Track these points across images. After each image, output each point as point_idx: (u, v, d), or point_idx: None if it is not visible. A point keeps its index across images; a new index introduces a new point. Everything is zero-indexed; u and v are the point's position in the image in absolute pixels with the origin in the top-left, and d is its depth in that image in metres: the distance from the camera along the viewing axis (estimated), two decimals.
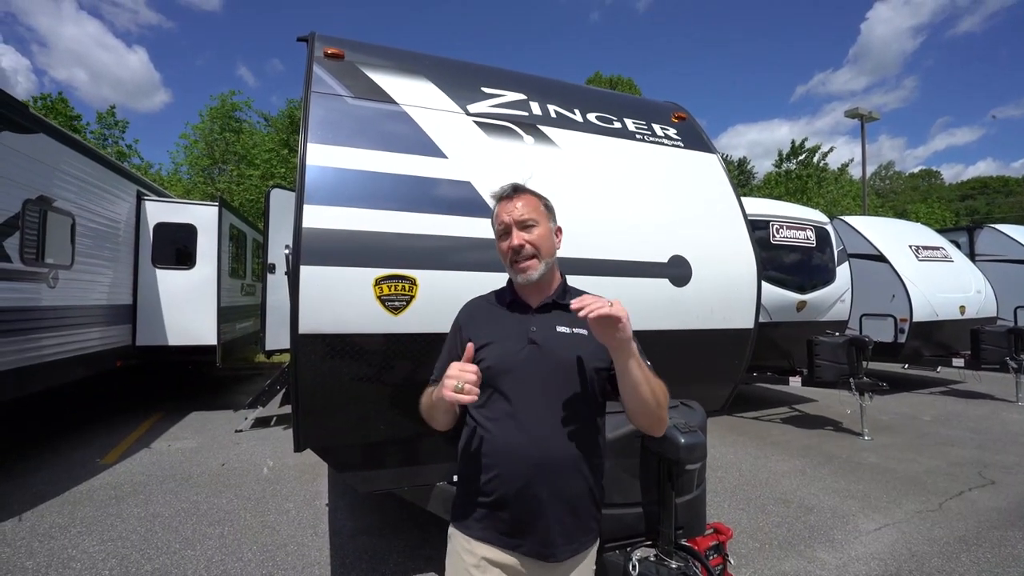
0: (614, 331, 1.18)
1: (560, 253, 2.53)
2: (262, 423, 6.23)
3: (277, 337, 5.76)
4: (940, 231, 11.01)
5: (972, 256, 10.46)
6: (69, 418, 6.37)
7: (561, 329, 1.38)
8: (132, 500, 3.97)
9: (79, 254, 5.30)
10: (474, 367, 1.22)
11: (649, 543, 1.99)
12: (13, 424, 5.82)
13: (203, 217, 7.17)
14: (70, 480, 4.37)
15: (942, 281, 8.12)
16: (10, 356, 4.21)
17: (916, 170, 57.59)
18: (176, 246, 7.09)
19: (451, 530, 1.40)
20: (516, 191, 1.46)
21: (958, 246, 9.80)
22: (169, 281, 6.85)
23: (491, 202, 1.50)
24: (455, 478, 1.49)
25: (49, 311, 4.80)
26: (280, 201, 5.88)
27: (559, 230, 1.50)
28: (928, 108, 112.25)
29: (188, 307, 6.86)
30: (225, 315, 6.98)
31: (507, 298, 1.49)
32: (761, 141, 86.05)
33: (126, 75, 60.28)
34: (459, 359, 1.34)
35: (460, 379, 1.18)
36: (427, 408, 1.42)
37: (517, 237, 1.38)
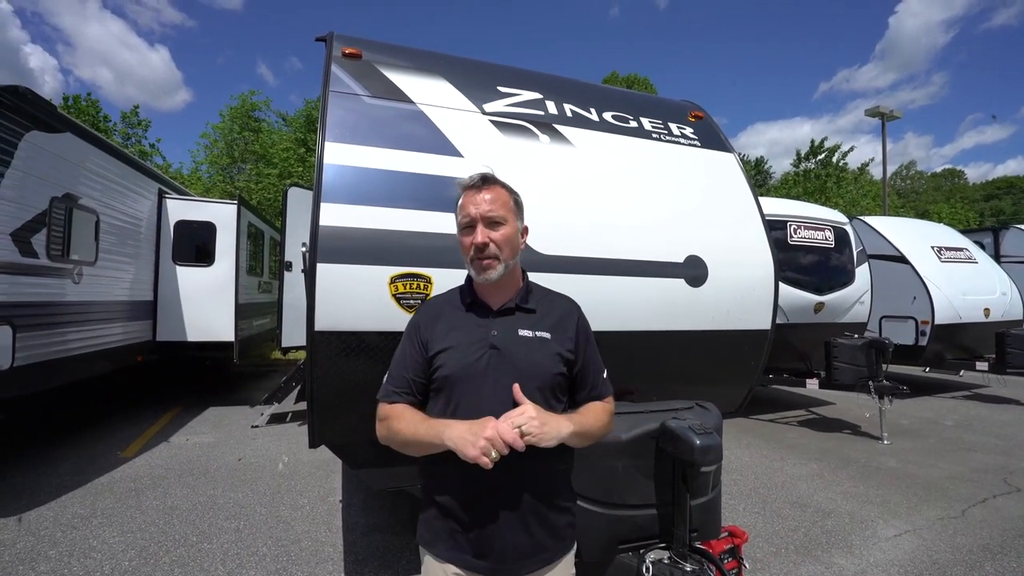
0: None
1: (574, 253, 2.53)
2: (278, 419, 6.32)
3: (293, 334, 5.83)
4: (964, 232, 10.76)
5: (997, 257, 10.20)
6: (91, 411, 6.52)
7: (523, 333, 1.31)
8: (151, 492, 4.06)
9: (103, 251, 5.41)
10: (514, 425, 1.12)
11: (663, 545, 1.98)
12: (39, 417, 5.98)
13: (222, 215, 7.29)
14: (92, 472, 4.48)
15: (966, 283, 7.93)
16: (37, 350, 4.32)
17: (939, 169, 56.28)
18: (196, 243, 7.22)
19: (421, 550, 1.35)
20: (486, 182, 1.35)
21: (983, 247, 9.55)
22: (189, 278, 6.97)
23: (457, 190, 1.40)
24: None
25: (73, 306, 4.91)
26: (297, 199, 5.95)
27: (526, 229, 1.42)
28: (958, 105, 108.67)
29: (207, 304, 6.98)
30: (243, 312, 7.10)
31: (467, 299, 1.39)
32: (781, 140, 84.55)
33: (148, 74, 61.50)
34: (419, 363, 1.32)
35: (502, 451, 1.08)
36: (407, 439, 1.24)
37: (481, 234, 1.28)
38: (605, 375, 1.43)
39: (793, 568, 3.03)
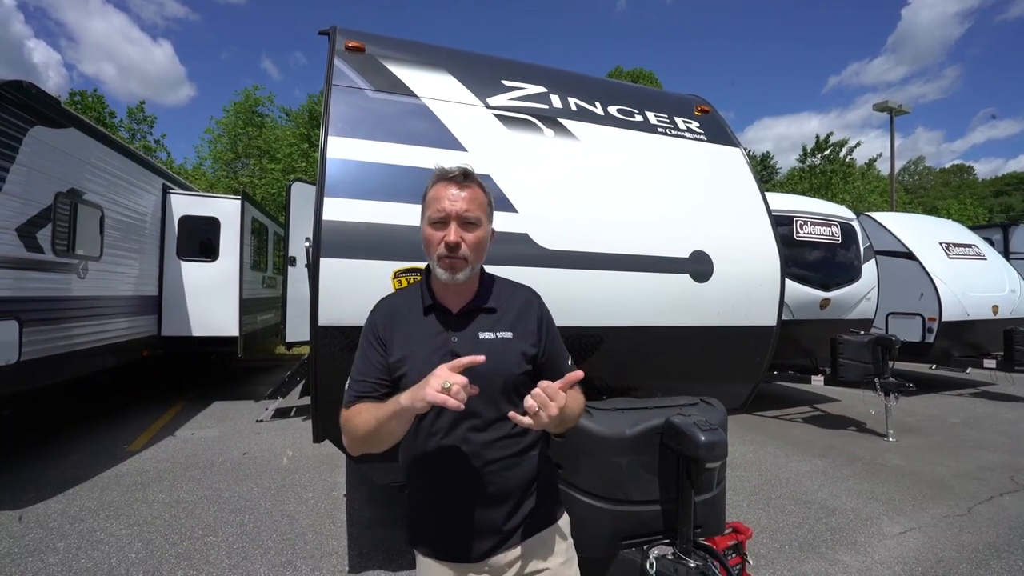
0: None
1: (579, 248, 2.52)
2: (282, 414, 6.34)
3: (297, 329, 5.84)
4: (973, 228, 10.66)
5: (1007, 254, 10.10)
6: (98, 406, 6.56)
7: (484, 336, 1.27)
8: (157, 486, 4.08)
9: (107, 246, 5.44)
10: (466, 364, 1.05)
11: (667, 541, 1.97)
12: (46, 411, 6.02)
13: (226, 210, 7.31)
14: (99, 465, 4.51)
15: (974, 279, 7.86)
16: (43, 344, 4.35)
17: (948, 165, 55.72)
18: (200, 239, 7.24)
19: (414, 550, 1.36)
20: (467, 178, 1.28)
21: (992, 244, 9.47)
22: (193, 273, 7.00)
23: (429, 180, 1.34)
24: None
25: (79, 301, 4.94)
26: (301, 195, 5.95)
27: (493, 232, 1.37)
28: (970, 99, 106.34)
29: (211, 299, 7.01)
30: (247, 307, 7.12)
31: (426, 301, 1.33)
32: (789, 135, 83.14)
33: (152, 69, 61.45)
34: (381, 364, 1.27)
35: (449, 379, 1.00)
36: (369, 428, 1.17)
37: (455, 233, 1.22)
38: (570, 361, 1.39)
39: (797, 565, 3.02)
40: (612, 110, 3.05)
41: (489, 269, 1.43)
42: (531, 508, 1.29)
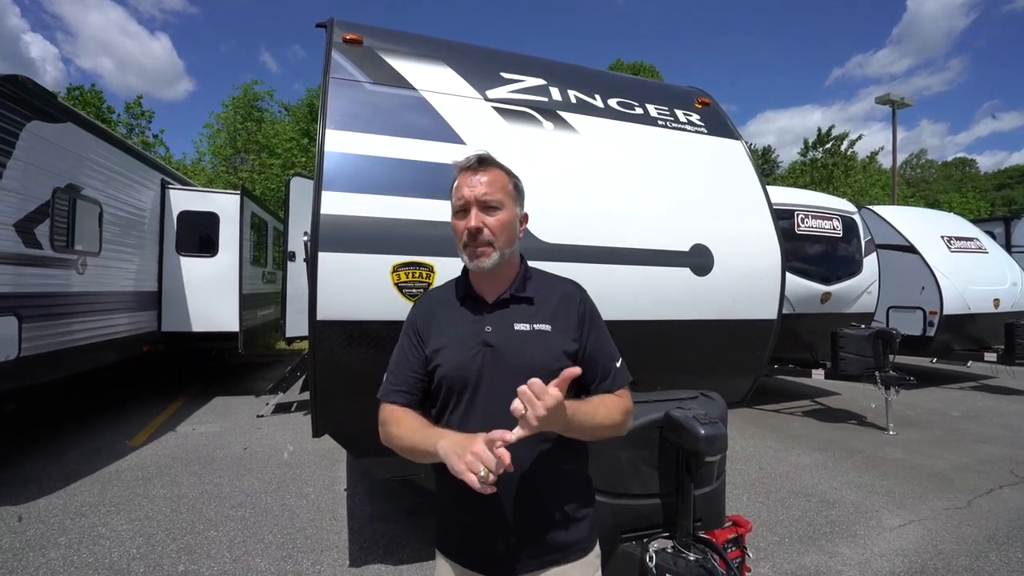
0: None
1: (580, 241, 2.50)
2: (283, 409, 6.35)
3: (297, 324, 5.85)
4: (975, 221, 10.62)
5: (1008, 247, 10.08)
6: (99, 401, 6.57)
7: (520, 327, 1.21)
8: (158, 481, 4.09)
9: (106, 241, 5.42)
10: (498, 439, 0.94)
11: (667, 535, 1.97)
12: (47, 406, 6.03)
13: (225, 206, 7.29)
14: (100, 460, 4.52)
15: (975, 273, 7.84)
16: (42, 340, 4.34)
17: (950, 158, 55.49)
18: (199, 234, 7.22)
19: (436, 551, 1.30)
20: (482, 163, 1.25)
21: (994, 237, 9.44)
22: (193, 268, 6.99)
23: (453, 171, 1.31)
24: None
25: (78, 297, 4.93)
26: (300, 189, 5.94)
27: (525, 216, 1.32)
28: (975, 91, 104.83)
29: (211, 294, 7.00)
30: (247, 302, 7.11)
31: (461, 292, 1.30)
32: (792, 128, 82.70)
33: (150, 63, 61.26)
34: (417, 359, 1.25)
35: (487, 464, 0.93)
36: (404, 446, 1.16)
37: (476, 218, 1.19)
38: (620, 363, 1.29)
39: (797, 557, 3.02)
40: (612, 103, 3.03)
41: None
42: (565, 533, 1.21)
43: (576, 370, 1.00)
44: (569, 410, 1.04)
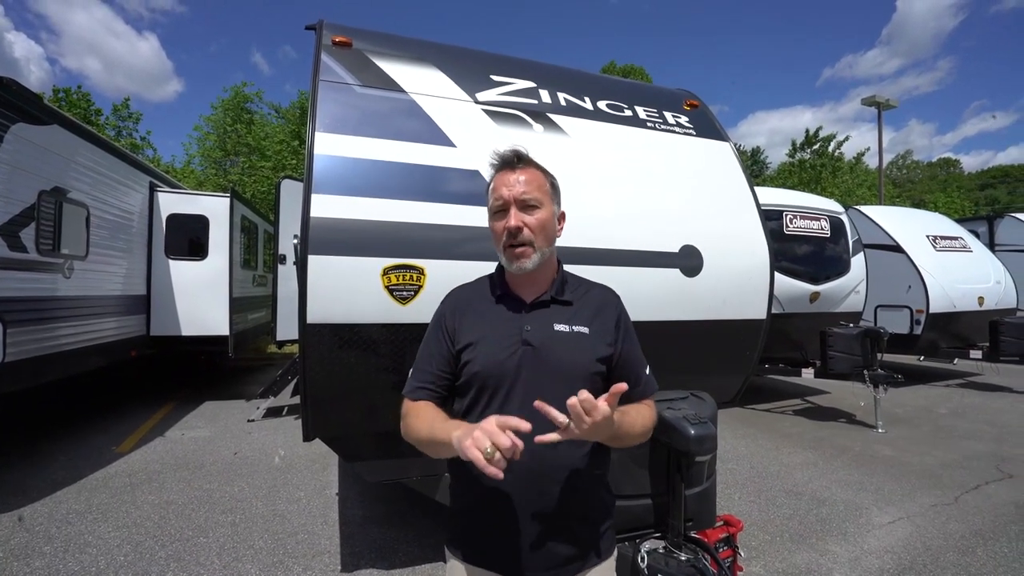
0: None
1: (570, 243, 2.51)
2: (274, 413, 6.30)
3: (288, 328, 5.80)
4: (959, 220, 10.78)
5: (992, 246, 10.24)
6: (86, 407, 6.49)
7: (559, 328, 1.21)
8: (147, 488, 4.04)
9: (94, 245, 5.35)
10: (513, 427, 0.91)
11: (658, 535, 1.98)
12: (32, 412, 5.94)
13: (215, 208, 7.22)
14: (87, 467, 4.46)
15: (960, 271, 7.96)
16: (28, 345, 4.28)
17: (935, 159, 56.29)
18: (189, 237, 7.15)
19: (447, 551, 1.29)
20: (521, 161, 1.25)
21: (978, 236, 9.58)
22: (182, 272, 6.92)
23: (488, 170, 1.30)
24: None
25: (65, 301, 4.86)
26: (291, 192, 5.90)
27: (563, 215, 1.32)
28: (963, 91, 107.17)
29: (201, 298, 6.93)
30: (237, 306, 7.05)
31: (497, 291, 1.29)
32: (782, 129, 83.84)
33: (138, 63, 60.67)
34: (444, 356, 1.23)
35: (494, 442, 0.88)
36: (421, 438, 1.14)
37: (516, 218, 1.18)
38: (648, 371, 1.31)
39: (788, 556, 3.05)
40: (601, 105, 3.05)
41: (479, 264, 1.41)
42: (586, 537, 1.20)
43: (623, 386, 0.98)
44: (615, 423, 1.03)
